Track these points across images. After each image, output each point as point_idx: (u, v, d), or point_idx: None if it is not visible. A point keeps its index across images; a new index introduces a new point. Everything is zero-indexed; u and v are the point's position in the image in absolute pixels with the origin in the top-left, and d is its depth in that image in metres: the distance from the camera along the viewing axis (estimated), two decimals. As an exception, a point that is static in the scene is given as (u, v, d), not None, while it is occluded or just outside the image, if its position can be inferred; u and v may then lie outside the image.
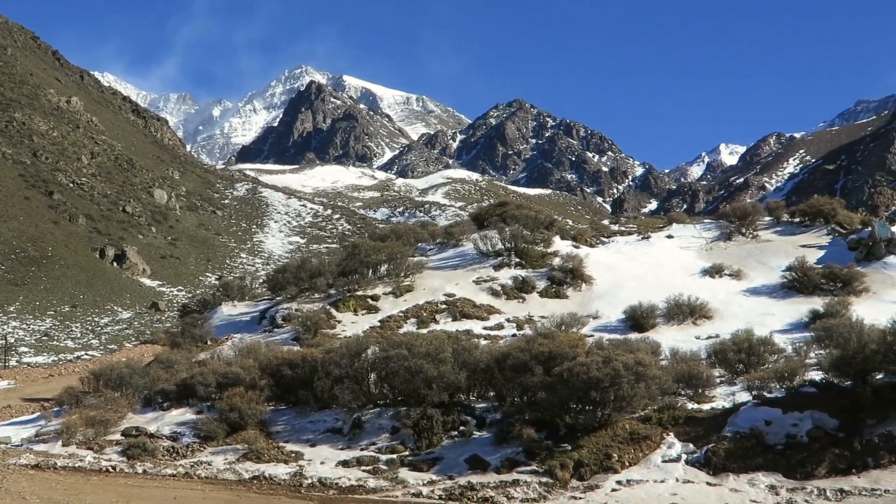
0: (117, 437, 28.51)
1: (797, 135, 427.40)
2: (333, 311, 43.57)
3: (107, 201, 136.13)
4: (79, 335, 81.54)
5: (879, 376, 25.36)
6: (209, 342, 42.98)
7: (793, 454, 23.34)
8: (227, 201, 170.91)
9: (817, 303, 41.65)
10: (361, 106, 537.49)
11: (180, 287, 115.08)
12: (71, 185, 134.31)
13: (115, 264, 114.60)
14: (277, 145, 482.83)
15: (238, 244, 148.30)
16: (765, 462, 23.25)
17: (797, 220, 58.53)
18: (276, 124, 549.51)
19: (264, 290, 54.39)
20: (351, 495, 23.11)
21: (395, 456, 25.66)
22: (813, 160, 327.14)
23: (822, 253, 51.09)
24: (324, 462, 25.75)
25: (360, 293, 45.31)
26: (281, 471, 25.21)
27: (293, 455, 26.50)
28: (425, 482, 23.80)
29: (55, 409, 32.48)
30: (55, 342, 77.17)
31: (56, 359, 67.87)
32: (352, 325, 42.13)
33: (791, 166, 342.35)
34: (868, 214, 79.13)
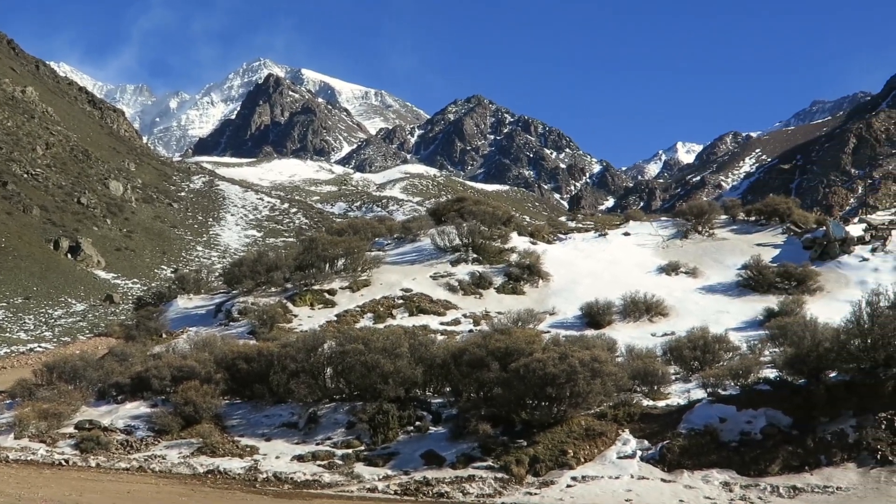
0: (70, 430, 28.26)
1: (753, 134, 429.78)
2: (290, 305, 43.41)
3: (61, 192, 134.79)
4: (32, 327, 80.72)
5: (832, 374, 25.57)
6: (164, 335, 42.70)
7: (747, 451, 23.49)
8: (183, 194, 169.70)
9: (772, 301, 41.97)
10: (320, 100, 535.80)
11: (135, 279, 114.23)
12: (25, 175, 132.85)
13: (69, 256, 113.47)
14: (235, 138, 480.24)
15: (194, 237, 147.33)
16: (719, 459, 23.40)
17: (753, 218, 58.94)
18: (233, 117, 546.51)
19: (220, 283, 54.06)
20: (306, 490, 23.03)
21: (350, 451, 25.61)
22: (769, 160, 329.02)
23: (777, 252, 51.47)
24: (279, 456, 25.66)
25: (316, 287, 45.17)
26: (236, 465, 25.09)
27: (248, 449, 26.39)
28: (381, 477, 23.76)
29: (7, 402, 32.19)
30: (7, 334, 76.38)
31: (8, 351, 67.25)
32: (308, 319, 41.99)
33: (747, 165, 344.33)
34: (823, 214, 79.76)
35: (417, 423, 26.82)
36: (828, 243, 49.80)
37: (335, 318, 41.72)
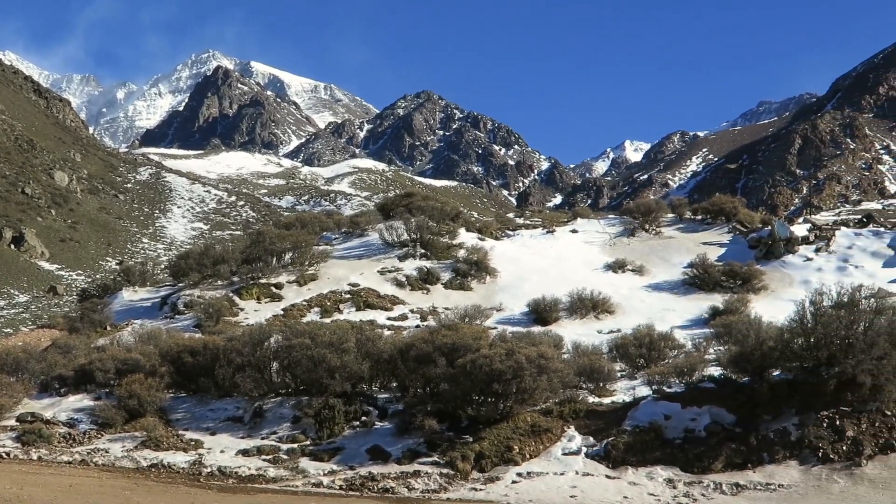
0: (12, 422, 27.94)
1: (700, 133, 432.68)
2: (236, 299, 43.24)
3: (5, 182, 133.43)
4: (-27, 318, 79.95)
5: (776, 373, 25.77)
6: (109, 328, 42.35)
7: (691, 448, 23.63)
8: (129, 185, 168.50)
9: (717, 300, 42.31)
10: (269, 93, 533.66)
11: (80, 271, 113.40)
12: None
13: (12, 247, 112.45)
14: (182, 130, 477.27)
15: (140, 229, 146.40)
16: (663, 456, 23.51)
17: (699, 217, 59.39)
18: (181, 109, 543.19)
19: (166, 276, 53.71)
20: (251, 484, 22.91)
21: (296, 445, 25.51)
22: (715, 159, 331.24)
23: (723, 251, 51.88)
24: (224, 451, 25.51)
25: (263, 281, 45.02)
26: (180, 459, 24.92)
27: (193, 443, 26.23)
28: (326, 472, 23.69)
29: (-52, 394, 31.79)
30: (-52, 325, 75.60)
31: (-51, 342, 66.46)
32: (255, 312, 41.84)
33: (694, 164, 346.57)
34: (768, 214, 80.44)
35: (363, 418, 26.77)
36: (773, 243, 50.28)
37: (282, 312, 41.59)
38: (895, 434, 23.17)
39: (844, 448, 22.89)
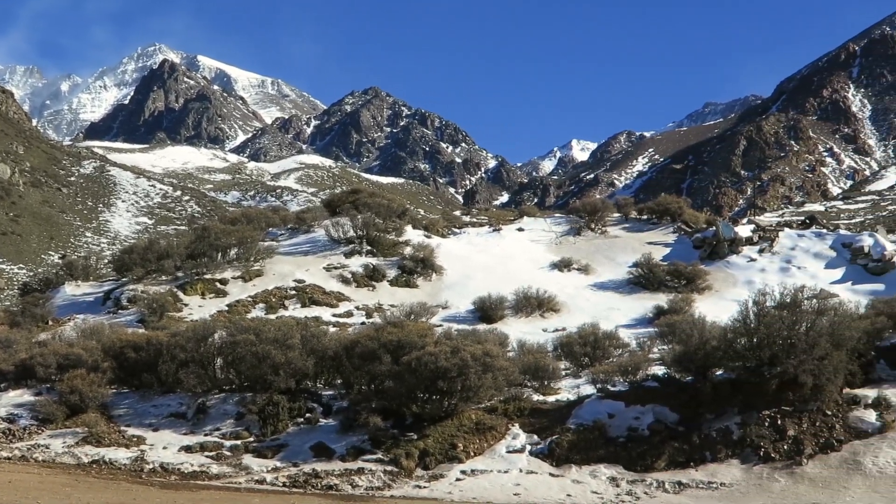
0: (-49, 417, 27.62)
1: (647, 134, 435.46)
2: (181, 294, 42.94)
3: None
4: (-88, 312, 78.83)
5: (719, 372, 25.98)
6: (50, 322, 41.92)
7: (634, 447, 23.77)
8: (73, 179, 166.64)
9: (662, 299, 42.57)
10: (215, 87, 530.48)
11: (21, 265, 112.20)
12: None
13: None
14: (128, 124, 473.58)
15: (83, 223, 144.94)
16: (607, 454, 23.65)
17: (645, 217, 59.72)
18: (126, 102, 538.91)
19: (110, 270, 53.24)
20: (193, 481, 22.78)
21: (239, 442, 25.39)
22: (661, 159, 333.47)
23: (667, 250, 52.20)
24: (166, 447, 25.33)
25: (208, 277, 44.74)
26: (122, 455, 24.72)
27: (135, 439, 26.03)
28: (269, 469, 23.60)
29: None
30: None
31: None
32: (199, 308, 41.57)
33: (640, 164, 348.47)
34: (713, 214, 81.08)
35: (308, 414, 26.68)
36: (717, 243, 50.68)
37: (226, 308, 41.38)
38: (835, 434, 23.43)
39: (785, 447, 23.12)
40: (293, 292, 43.60)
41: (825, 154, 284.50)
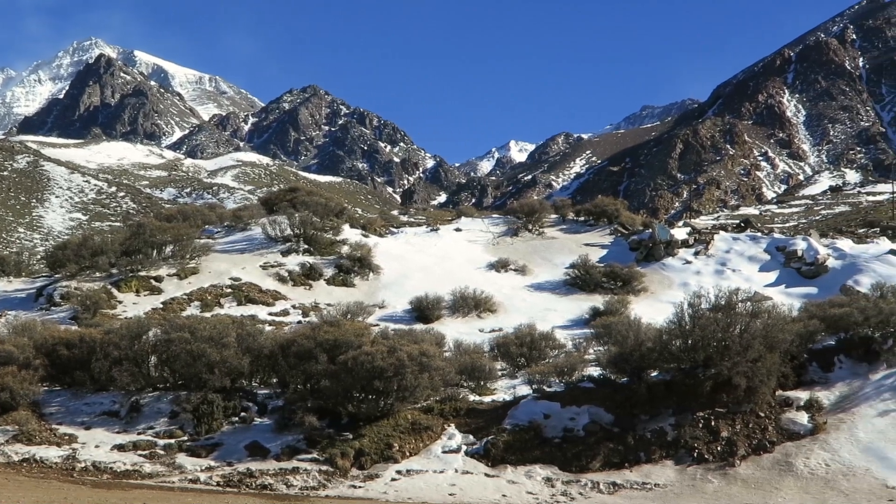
0: None
1: (584, 136, 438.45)
2: (115, 291, 42.51)
3: None
4: None
5: (654, 374, 26.15)
6: (-19, 318, 41.34)
7: (569, 447, 23.86)
8: (5, 173, 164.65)
9: (598, 300, 42.77)
10: (152, 83, 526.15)
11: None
12: None
13: None
14: (62, 118, 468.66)
15: (16, 218, 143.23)
16: (542, 455, 23.70)
17: (582, 218, 60.07)
18: (62, 97, 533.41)
19: (42, 266, 52.63)
20: (125, 480, 22.53)
21: (173, 441, 25.15)
22: (599, 161, 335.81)
23: (604, 252, 52.53)
24: (99, 445, 25.04)
25: (143, 274, 44.33)
26: (53, 454, 24.40)
27: (67, 438, 25.70)
28: (203, 468, 23.41)
29: None
30: None
31: None
32: (133, 305, 41.17)
33: (578, 166, 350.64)
34: (649, 216, 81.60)
35: (243, 413, 26.50)
36: (653, 245, 51.06)
37: (161, 306, 41.02)
38: (768, 435, 23.69)
39: (719, 448, 23.34)
40: (229, 290, 43.33)
41: (760, 158, 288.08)
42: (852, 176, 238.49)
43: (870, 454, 22.71)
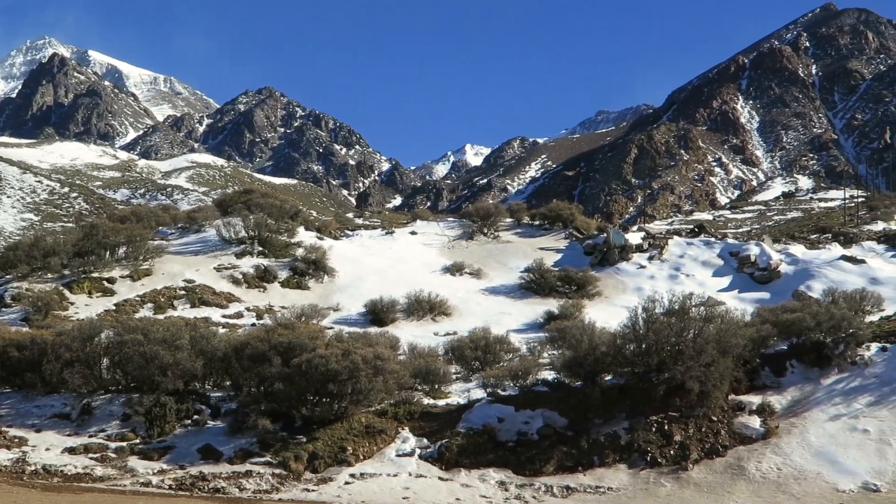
0: None
1: (540, 140, 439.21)
2: (67, 293, 42.18)
3: None
4: None
5: (608, 378, 26.23)
6: (-70, 319, 40.90)
7: (523, 451, 23.88)
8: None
9: (553, 304, 42.91)
10: (106, 83, 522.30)
11: None
12: None
13: None
14: (14, 118, 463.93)
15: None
16: (496, 458, 23.71)
17: (537, 223, 60.28)
18: (14, 96, 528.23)
19: (-7, 267, 52.11)
20: (76, 483, 22.34)
21: (125, 444, 24.96)
22: (554, 165, 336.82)
23: (559, 256, 52.72)
24: (49, 448, 24.80)
25: (95, 275, 44.03)
26: (2, 456, 24.14)
27: (16, 440, 25.44)
28: (155, 471, 23.24)
29: None
30: None
31: None
32: (86, 307, 40.87)
33: (533, 170, 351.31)
34: (604, 221, 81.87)
35: (195, 416, 26.35)
36: (608, 250, 51.31)
37: (114, 308, 40.75)
38: (721, 439, 23.82)
39: (672, 452, 23.43)
40: (182, 292, 43.11)
41: (714, 164, 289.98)
42: (805, 182, 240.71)
43: (821, 458, 22.88)
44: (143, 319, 34.73)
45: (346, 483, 22.61)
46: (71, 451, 24.59)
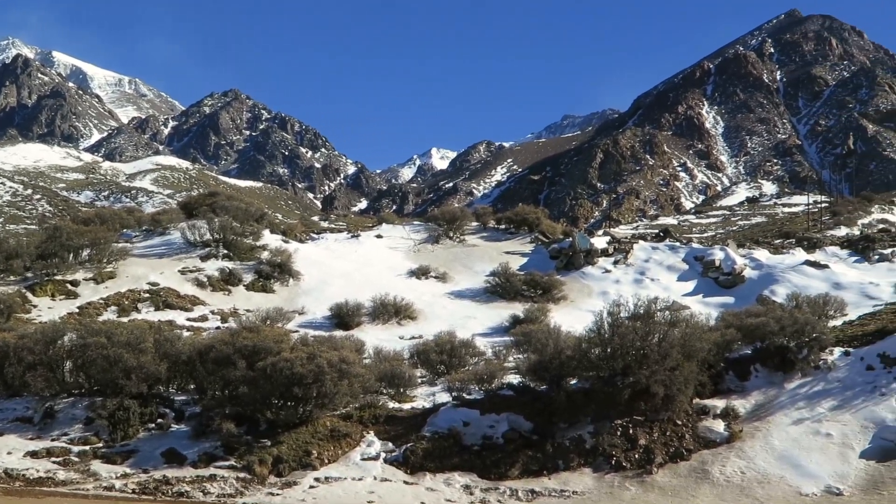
0: None
1: (506, 144, 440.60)
2: (30, 295, 41.85)
3: None
4: None
5: (573, 382, 26.27)
6: None
7: (489, 455, 23.88)
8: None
9: (518, 308, 42.95)
10: (70, 84, 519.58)
11: None
12: None
13: None
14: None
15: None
16: (461, 462, 23.70)
17: (503, 227, 60.34)
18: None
19: (-46, 269, 51.67)
20: (39, 487, 22.17)
21: (87, 448, 24.78)
22: (520, 170, 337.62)
23: (525, 260, 52.76)
24: (11, 452, 24.59)
25: (59, 278, 43.72)
26: (-37, 460, 23.96)
27: (-22, 444, 25.25)
28: (119, 475, 23.09)
29: None
30: None
31: None
32: (49, 310, 40.57)
33: (499, 174, 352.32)
34: (569, 225, 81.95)
35: (159, 420, 26.20)
36: (573, 254, 51.40)
37: (77, 310, 40.46)
38: (685, 443, 23.90)
39: (636, 456, 23.50)
40: (147, 295, 42.87)
41: (679, 169, 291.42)
42: (769, 187, 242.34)
43: (784, 462, 22.99)
44: (107, 322, 34.50)
45: (311, 487, 22.54)
46: (33, 454, 24.39)
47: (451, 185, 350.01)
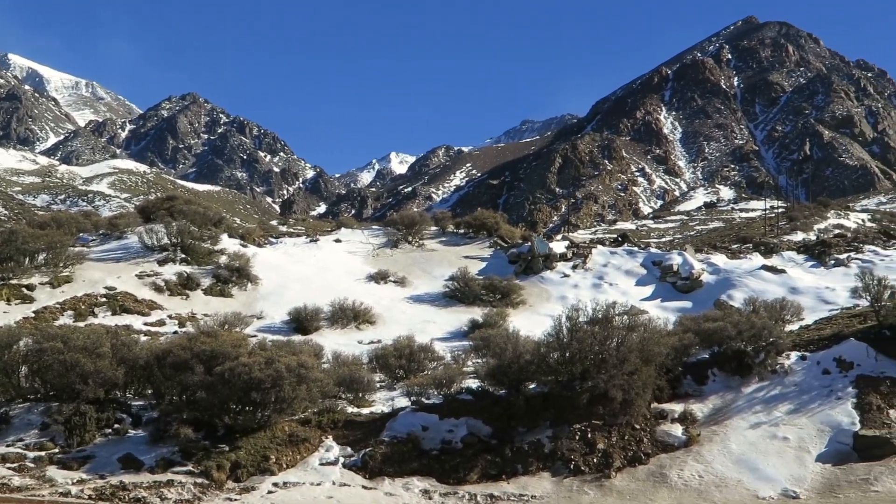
0: None
1: (465, 149, 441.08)
2: (-16, 300, 41.52)
3: None
4: None
5: (532, 386, 26.33)
6: None
7: (447, 459, 23.88)
8: None
9: (477, 313, 42.99)
10: (27, 87, 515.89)
11: None
12: None
13: None
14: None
15: None
16: (420, 467, 23.69)
17: (462, 231, 60.36)
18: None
19: None
20: (-7, 493, 22.00)
21: (43, 453, 24.56)
22: (479, 174, 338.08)
23: (484, 265, 52.82)
24: (-35, 458, 24.39)
25: (14, 282, 43.35)
26: (-84, 467, 23.71)
27: (-69, 450, 24.99)
28: (75, 481, 22.91)
29: None
30: None
31: None
32: (4, 314, 40.19)
33: (458, 179, 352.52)
34: (528, 230, 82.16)
35: (116, 425, 26.02)
36: (532, 259, 51.54)
37: (33, 315, 40.11)
38: (643, 447, 24.01)
39: (595, 460, 23.58)
40: (104, 299, 42.57)
41: (637, 174, 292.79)
42: (726, 193, 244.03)
43: (742, 466, 23.14)
44: (64, 327, 34.22)
45: (269, 492, 22.46)
46: (-12, 460, 24.18)
47: (410, 189, 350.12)
